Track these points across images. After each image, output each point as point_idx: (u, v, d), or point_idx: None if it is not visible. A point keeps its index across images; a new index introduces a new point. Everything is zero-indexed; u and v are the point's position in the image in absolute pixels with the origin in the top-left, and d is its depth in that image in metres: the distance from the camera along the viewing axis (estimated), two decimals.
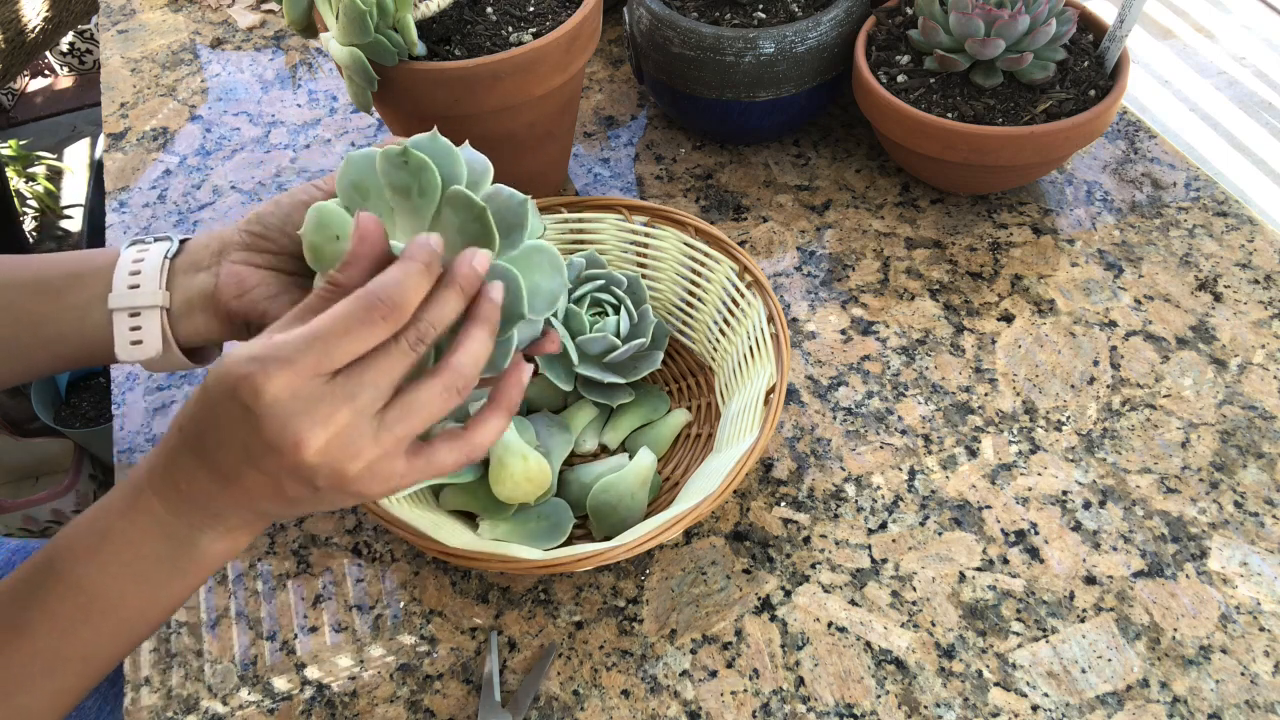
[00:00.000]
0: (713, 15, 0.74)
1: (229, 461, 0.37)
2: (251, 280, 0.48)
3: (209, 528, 0.39)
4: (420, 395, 0.37)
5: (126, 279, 0.47)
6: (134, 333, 0.47)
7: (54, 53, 2.22)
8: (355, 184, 0.43)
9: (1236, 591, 0.53)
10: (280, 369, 0.34)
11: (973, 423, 0.62)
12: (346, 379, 0.35)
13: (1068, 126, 0.65)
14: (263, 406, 0.34)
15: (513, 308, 0.41)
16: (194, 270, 0.48)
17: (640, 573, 0.56)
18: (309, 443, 0.35)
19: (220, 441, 0.36)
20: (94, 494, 1.49)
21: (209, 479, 0.37)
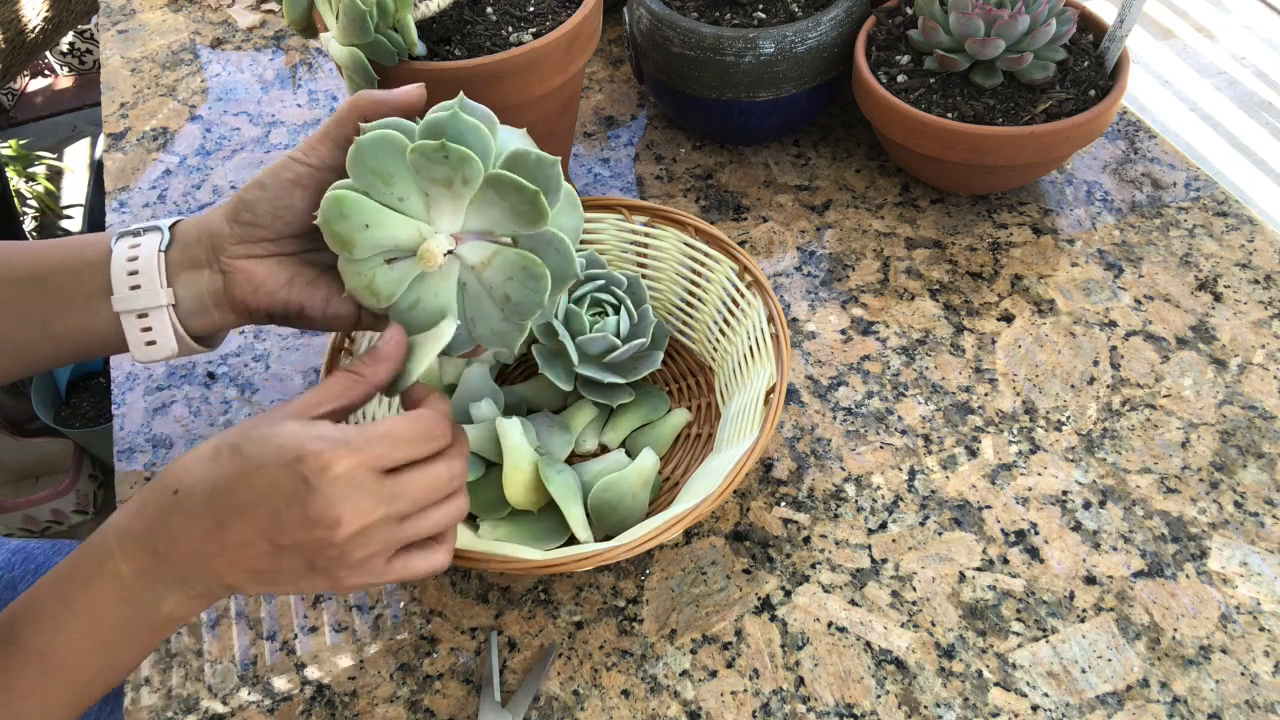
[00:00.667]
0: (713, 15, 0.74)
1: (242, 528, 0.38)
2: (260, 274, 0.47)
3: (172, 594, 0.40)
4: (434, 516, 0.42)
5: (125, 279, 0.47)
6: (146, 334, 0.47)
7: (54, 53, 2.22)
8: (376, 171, 0.43)
9: (1236, 591, 0.53)
10: (351, 454, 0.38)
11: (973, 423, 0.62)
12: (394, 482, 0.40)
13: (1068, 126, 0.65)
14: (323, 483, 0.38)
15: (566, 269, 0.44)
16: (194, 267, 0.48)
17: (640, 573, 0.56)
18: (347, 525, 0.38)
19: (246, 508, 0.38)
20: (94, 494, 1.50)
21: (203, 542, 0.39)
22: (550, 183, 0.43)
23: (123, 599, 0.40)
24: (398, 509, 0.40)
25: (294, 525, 0.38)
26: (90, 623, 0.40)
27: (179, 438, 0.65)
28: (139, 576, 0.39)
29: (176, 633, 0.55)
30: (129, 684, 0.53)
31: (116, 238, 0.48)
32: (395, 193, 0.43)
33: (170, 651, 0.55)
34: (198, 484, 0.39)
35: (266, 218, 0.47)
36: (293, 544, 0.39)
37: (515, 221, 0.43)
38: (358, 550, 0.39)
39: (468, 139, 0.42)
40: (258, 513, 0.38)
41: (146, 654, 0.42)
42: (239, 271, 0.47)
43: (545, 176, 0.43)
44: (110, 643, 0.40)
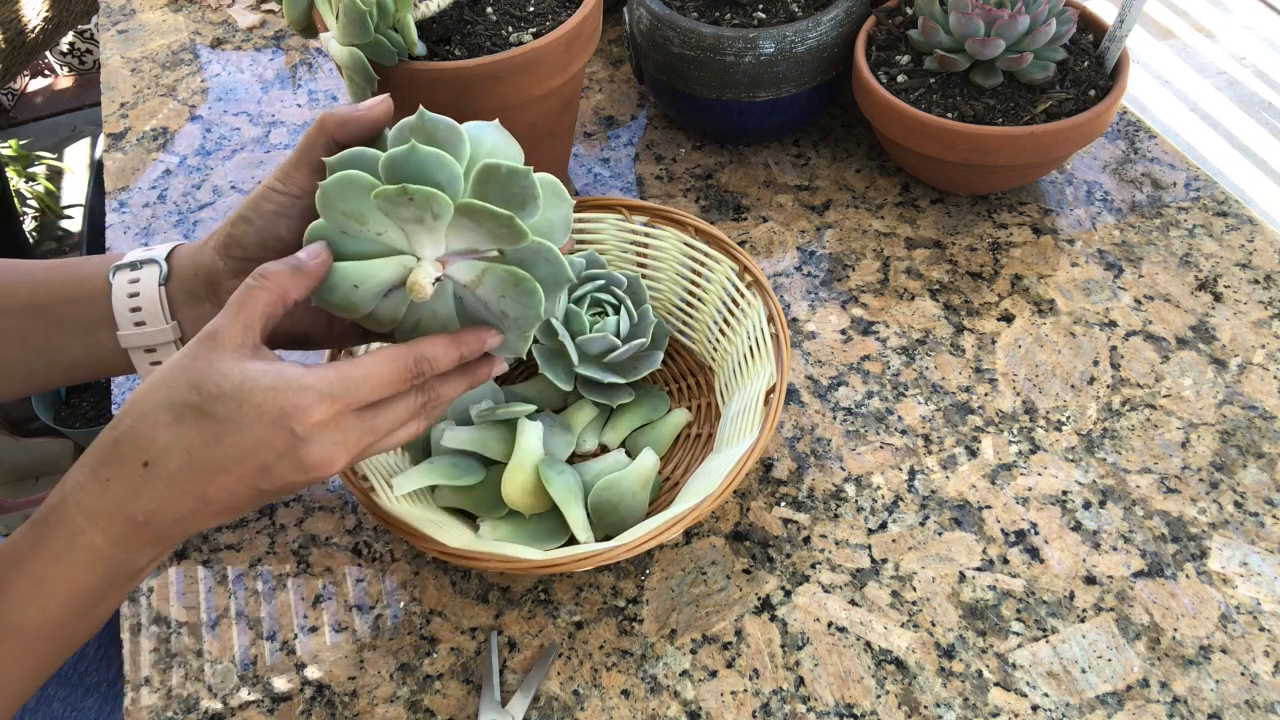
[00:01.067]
0: (713, 15, 0.74)
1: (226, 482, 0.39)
2: None
3: (151, 549, 0.41)
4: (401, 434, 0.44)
5: (129, 315, 0.47)
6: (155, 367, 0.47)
7: (54, 53, 2.22)
8: (347, 213, 0.42)
9: (1236, 591, 0.53)
10: (332, 403, 0.39)
11: (973, 423, 0.62)
12: (372, 415, 0.42)
13: (1068, 126, 0.65)
14: (312, 432, 0.39)
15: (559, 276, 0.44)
16: (195, 301, 0.48)
17: (640, 573, 0.56)
18: (338, 463, 0.41)
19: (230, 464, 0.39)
20: None
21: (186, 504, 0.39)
22: (526, 194, 0.42)
23: (99, 568, 0.40)
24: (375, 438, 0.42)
25: (286, 473, 0.39)
26: (67, 593, 0.40)
27: None
28: (117, 544, 0.40)
29: (176, 632, 0.55)
30: (129, 684, 0.54)
31: (114, 271, 0.48)
32: (371, 229, 0.43)
33: (170, 651, 0.55)
34: (169, 451, 0.38)
35: (256, 251, 0.47)
36: (280, 487, 0.40)
37: (497, 241, 0.43)
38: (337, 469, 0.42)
39: (429, 170, 0.41)
40: (245, 466, 0.39)
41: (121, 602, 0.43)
42: None
43: (520, 189, 0.42)
44: (86, 606, 0.41)
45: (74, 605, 0.41)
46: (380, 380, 0.41)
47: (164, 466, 0.39)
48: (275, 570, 0.58)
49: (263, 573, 0.58)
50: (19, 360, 0.48)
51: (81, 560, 0.40)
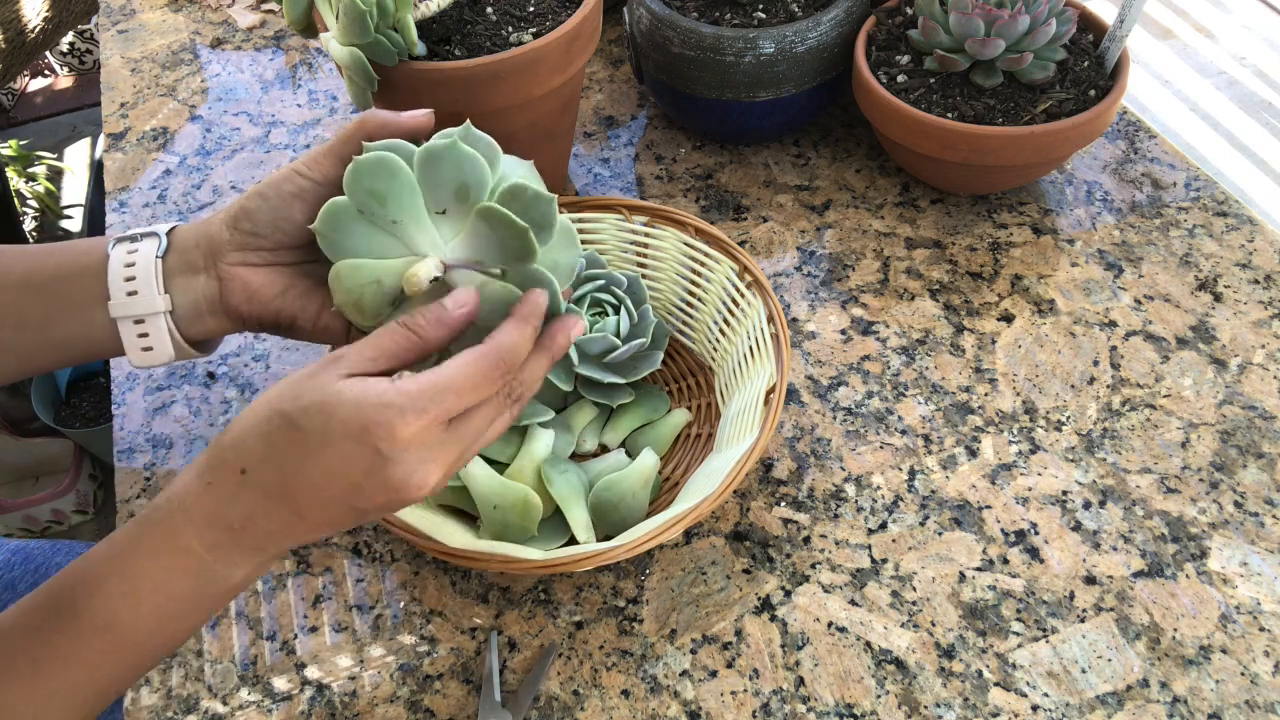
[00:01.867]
0: (713, 15, 0.74)
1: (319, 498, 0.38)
2: (256, 281, 0.47)
3: (247, 561, 0.40)
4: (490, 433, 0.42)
5: (123, 285, 0.47)
6: (142, 339, 0.47)
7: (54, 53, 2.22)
8: (372, 192, 0.43)
9: (1236, 591, 0.53)
10: (416, 418, 0.37)
11: (973, 423, 0.62)
12: (461, 424, 0.40)
13: (1068, 126, 0.65)
14: (396, 450, 0.37)
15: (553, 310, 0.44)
16: (190, 272, 0.48)
17: (640, 573, 0.56)
18: (430, 484, 0.39)
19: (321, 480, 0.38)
20: (94, 494, 1.49)
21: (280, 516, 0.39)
22: (544, 219, 0.43)
23: (194, 572, 0.40)
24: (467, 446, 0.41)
25: (376, 492, 0.38)
26: (160, 596, 0.40)
27: (179, 438, 0.65)
28: (213, 550, 0.39)
29: None
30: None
31: (114, 243, 0.48)
32: (389, 214, 0.43)
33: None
34: (264, 462, 0.38)
35: (266, 228, 0.47)
36: (376, 507, 0.39)
37: (504, 256, 0.43)
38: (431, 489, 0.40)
39: (464, 168, 0.42)
40: (335, 483, 0.38)
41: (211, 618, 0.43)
42: (235, 279, 0.47)
43: (540, 214, 0.42)
44: (177, 613, 0.41)
45: (164, 610, 0.40)
46: (468, 386, 0.39)
47: (259, 475, 0.38)
48: (275, 570, 0.58)
49: None
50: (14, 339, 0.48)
51: (177, 563, 0.39)
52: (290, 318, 0.48)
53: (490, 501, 0.54)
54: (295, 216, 0.47)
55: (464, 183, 0.42)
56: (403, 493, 0.38)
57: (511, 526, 0.54)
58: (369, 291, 0.44)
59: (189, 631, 0.42)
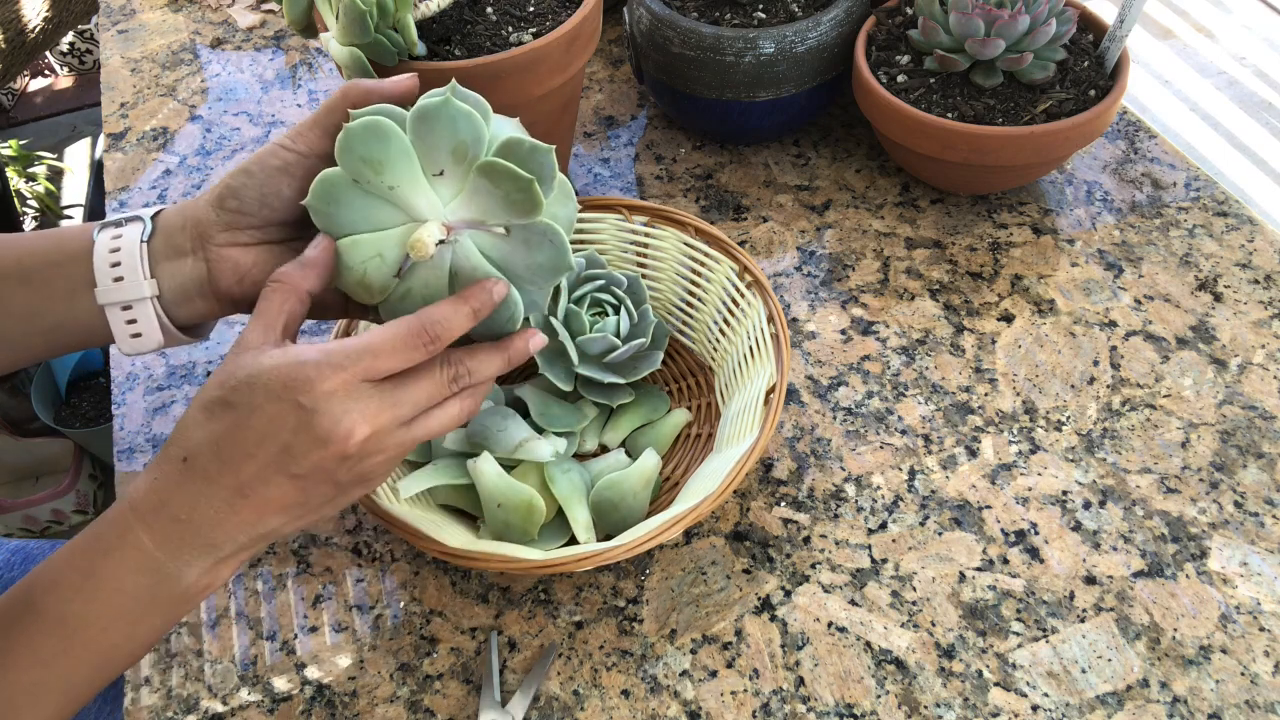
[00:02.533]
0: (713, 15, 0.74)
1: (255, 469, 0.39)
2: (245, 261, 0.47)
3: (197, 560, 0.40)
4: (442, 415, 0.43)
5: (108, 270, 0.46)
6: (130, 326, 0.47)
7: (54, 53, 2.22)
8: (365, 159, 0.42)
9: (1236, 591, 0.53)
10: (336, 371, 0.38)
11: (973, 423, 0.62)
12: (393, 388, 0.40)
13: (1068, 126, 0.65)
14: (319, 401, 0.38)
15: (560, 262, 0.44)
16: (177, 256, 0.47)
17: (640, 573, 0.56)
18: (357, 433, 0.39)
19: (253, 448, 0.38)
20: (94, 494, 1.49)
21: (223, 498, 0.39)
22: (544, 171, 0.42)
23: (145, 567, 0.39)
24: (401, 412, 0.40)
25: (306, 449, 0.38)
26: (112, 591, 0.39)
27: None
28: (162, 545, 0.39)
29: (176, 632, 0.55)
30: (129, 684, 0.54)
31: (99, 229, 0.47)
32: (385, 181, 0.42)
33: (170, 651, 0.55)
34: (202, 445, 0.39)
35: (253, 205, 0.46)
36: (311, 469, 0.39)
37: (509, 210, 0.43)
38: (374, 454, 0.40)
39: (459, 126, 0.42)
40: (266, 448, 0.38)
41: (169, 627, 0.42)
42: (224, 260, 0.46)
43: (539, 165, 0.42)
44: (132, 613, 0.40)
45: (119, 608, 0.40)
46: (384, 344, 0.40)
47: (198, 459, 0.39)
48: (275, 570, 0.58)
49: (263, 573, 0.58)
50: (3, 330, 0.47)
51: (129, 558, 0.39)
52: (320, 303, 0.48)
53: (495, 499, 0.54)
54: (283, 192, 0.46)
55: (460, 141, 0.42)
56: (331, 444, 0.38)
57: (513, 527, 0.54)
58: (372, 266, 0.44)
59: (149, 636, 0.42)
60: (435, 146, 0.42)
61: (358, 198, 0.43)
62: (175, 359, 0.70)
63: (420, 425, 0.42)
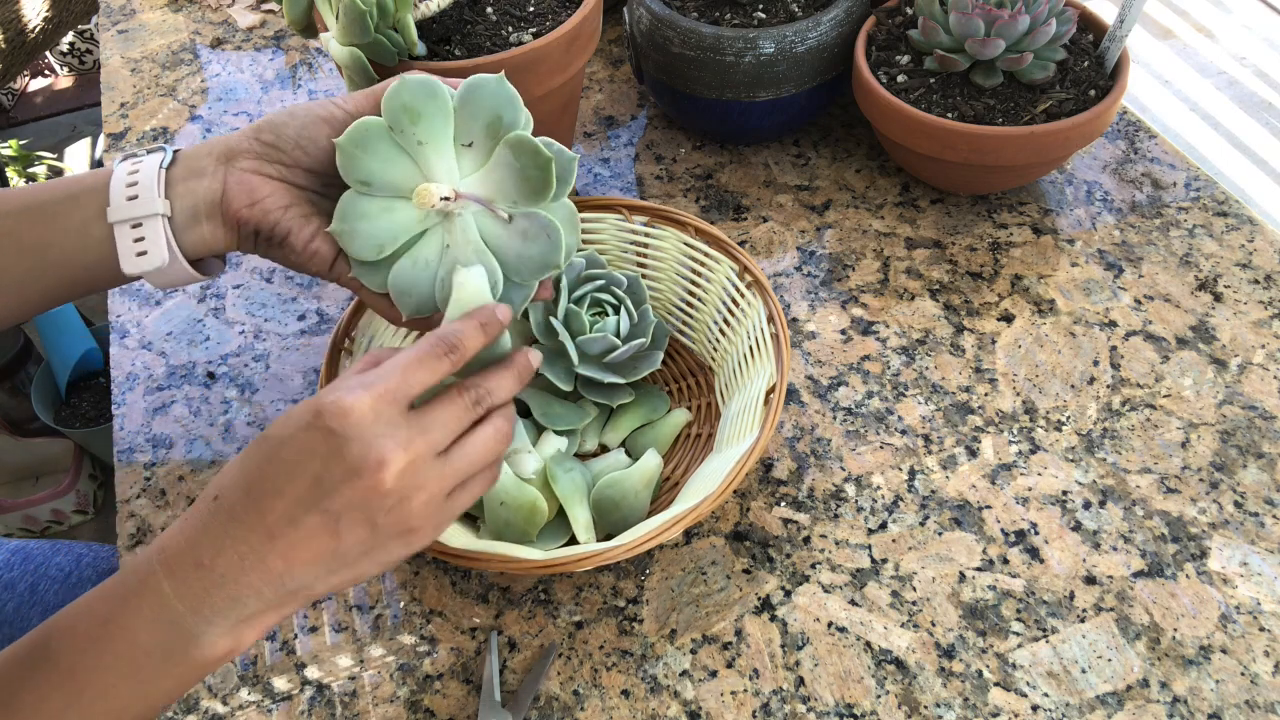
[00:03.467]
0: (713, 15, 0.74)
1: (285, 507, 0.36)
2: (263, 190, 0.47)
3: (219, 618, 0.37)
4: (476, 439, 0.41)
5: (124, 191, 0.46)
6: (138, 244, 0.46)
7: (54, 53, 2.22)
8: (408, 107, 0.45)
9: (1236, 591, 0.53)
10: (365, 392, 0.37)
11: (973, 423, 0.62)
12: (420, 415, 0.39)
13: (1068, 126, 0.65)
14: (349, 427, 0.36)
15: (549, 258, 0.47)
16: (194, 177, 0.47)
17: (640, 573, 0.56)
18: (391, 463, 0.37)
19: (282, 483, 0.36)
20: (94, 494, 1.49)
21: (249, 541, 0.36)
22: (564, 169, 0.45)
23: (161, 619, 0.37)
24: (434, 438, 0.39)
25: (338, 481, 0.36)
26: (124, 643, 0.37)
27: (179, 438, 0.65)
28: (182, 595, 0.37)
29: None
30: None
31: (120, 159, 0.48)
32: (417, 134, 0.45)
33: None
34: (234, 482, 0.37)
35: (288, 144, 0.47)
36: (345, 505, 0.36)
37: (521, 188, 0.45)
38: (414, 493, 0.38)
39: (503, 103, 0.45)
40: (296, 483, 0.36)
41: (181, 692, 0.39)
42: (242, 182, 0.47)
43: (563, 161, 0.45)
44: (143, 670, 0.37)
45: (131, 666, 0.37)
46: (407, 360, 0.39)
47: (227, 497, 0.37)
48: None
49: None
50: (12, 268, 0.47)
51: (147, 607, 0.37)
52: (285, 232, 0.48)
53: (498, 497, 0.54)
54: (319, 139, 0.47)
55: (498, 116, 0.45)
56: (364, 474, 0.36)
57: (513, 527, 0.54)
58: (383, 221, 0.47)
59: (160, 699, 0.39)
60: (474, 116, 0.45)
61: (386, 148, 0.46)
62: (175, 359, 0.70)
63: (458, 454, 0.40)
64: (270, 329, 0.71)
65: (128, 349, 0.71)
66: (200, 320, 0.72)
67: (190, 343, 0.71)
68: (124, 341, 0.71)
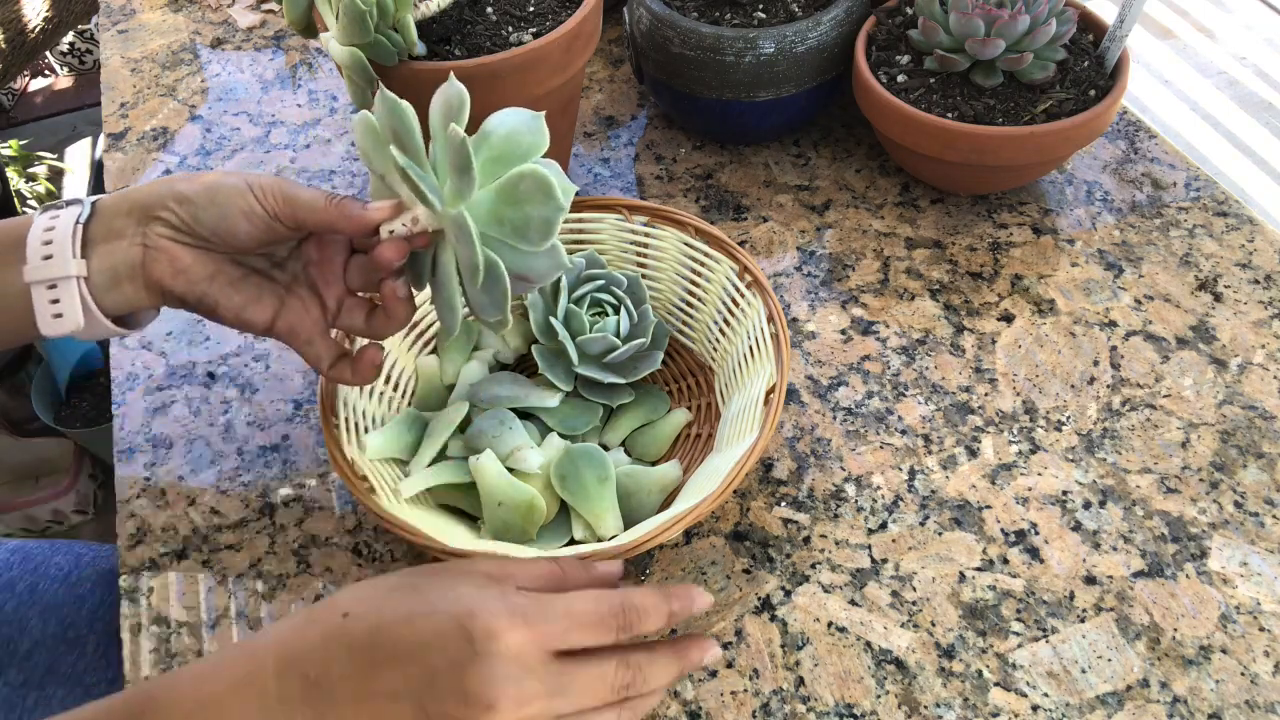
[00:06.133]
0: (713, 15, 0.74)
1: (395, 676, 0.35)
2: (185, 259, 0.46)
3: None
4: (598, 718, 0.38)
5: (40, 249, 0.45)
6: (54, 305, 0.45)
7: (54, 53, 2.22)
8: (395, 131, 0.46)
9: (1236, 591, 0.53)
10: (524, 627, 0.35)
11: (973, 423, 0.62)
12: (562, 672, 0.36)
13: (1068, 126, 0.65)
14: (487, 650, 0.35)
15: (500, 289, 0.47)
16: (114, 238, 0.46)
17: (640, 573, 0.56)
18: (501, 707, 0.35)
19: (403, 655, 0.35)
20: (94, 494, 1.50)
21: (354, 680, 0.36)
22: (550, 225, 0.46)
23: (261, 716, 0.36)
24: (559, 706, 0.36)
25: (446, 693, 0.35)
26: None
27: (179, 438, 0.65)
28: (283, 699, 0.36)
29: (176, 632, 0.55)
30: (129, 684, 0.53)
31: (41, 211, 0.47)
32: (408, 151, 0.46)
33: (170, 651, 0.55)
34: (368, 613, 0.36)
35: (206, 230, 0.46)
36: (440, 715, 0.35)
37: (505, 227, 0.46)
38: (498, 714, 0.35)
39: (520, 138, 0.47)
40: (414, 666, 0.35)
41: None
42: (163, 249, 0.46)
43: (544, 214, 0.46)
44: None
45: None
46: (580, 614, 0.37)
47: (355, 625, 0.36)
48: (275, 570, 0.58)
49: (263, 573, 0.58)
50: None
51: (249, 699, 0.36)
52: (213, 303, 0.47)
53: (496, 498, 0.54)
54: (238, 233, 0.46)
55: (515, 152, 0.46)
56: (473, 704, 0.34)
57: (512, 527, 0.54)
58: None
59: None
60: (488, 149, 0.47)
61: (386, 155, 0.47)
62: (175, 359, 0.70)
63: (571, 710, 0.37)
64: None
65: (128, 349, 0.71)
66: (200, 320, 0.72)
67: (190, 343, 0.71)
68: (124, 341, 0.71)
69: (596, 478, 0.55)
